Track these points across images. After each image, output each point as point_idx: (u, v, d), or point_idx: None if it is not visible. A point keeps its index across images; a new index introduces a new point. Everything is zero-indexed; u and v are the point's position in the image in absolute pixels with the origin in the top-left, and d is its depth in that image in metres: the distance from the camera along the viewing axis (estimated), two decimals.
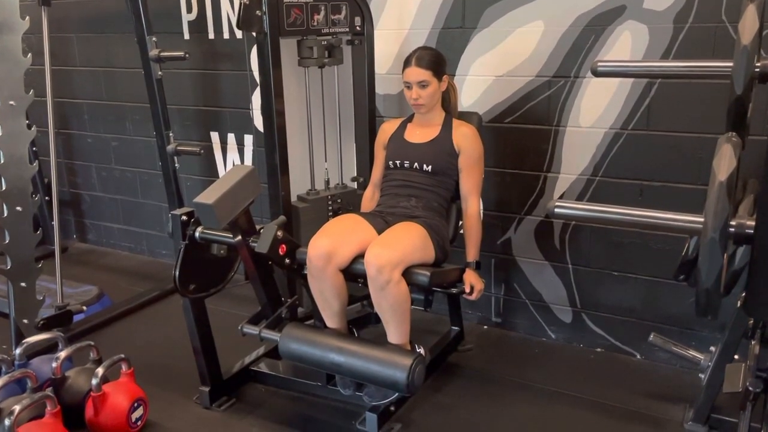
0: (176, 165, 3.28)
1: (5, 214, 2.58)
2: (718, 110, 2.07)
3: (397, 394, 2.22)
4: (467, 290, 2.37)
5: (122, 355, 2.31)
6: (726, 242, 1.35)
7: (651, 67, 2.07)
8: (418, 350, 2.27)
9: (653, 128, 2.50)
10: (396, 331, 2.19)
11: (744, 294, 1.53)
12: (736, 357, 2.10)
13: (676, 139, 2.46)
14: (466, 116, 2.61)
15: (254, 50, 3.14)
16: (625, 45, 2.48)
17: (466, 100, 2.82)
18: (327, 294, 2.23)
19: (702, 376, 2.21)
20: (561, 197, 2.74)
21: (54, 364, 2.26)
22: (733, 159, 1.37)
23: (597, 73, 1.78)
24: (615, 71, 1.93)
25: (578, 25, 2.54)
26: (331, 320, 2.30)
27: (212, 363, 2.43)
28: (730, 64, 1.51)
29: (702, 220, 1.37)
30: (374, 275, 2.09)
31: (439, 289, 2.42)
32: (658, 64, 2.21)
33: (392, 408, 2.32)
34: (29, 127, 2.66)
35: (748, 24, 1.49)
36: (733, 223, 1.38)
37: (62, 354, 2.29)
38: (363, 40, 2.76)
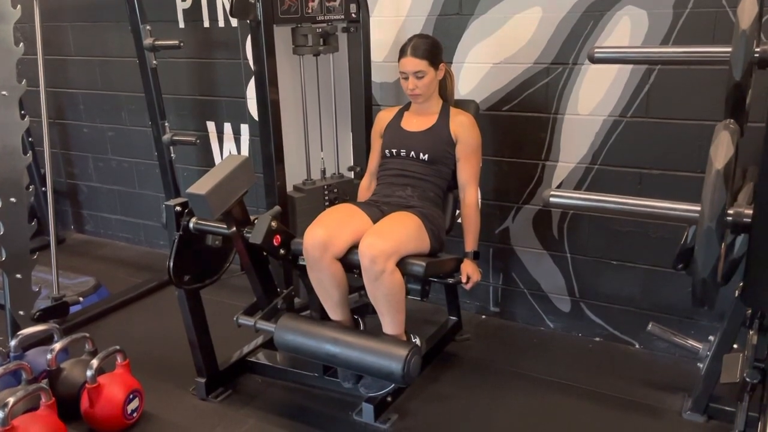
0: (172, 155, 3.26)
1: None
2: (719, 97, 2.04)
3: (393, 384, 2.20)
4: (464, 280, 2.35)
5: (117, 347, 2.30)
6: (723, 231, 1.33)
7: (649, 53, 2.04)
8: (413, 340, 2.26)
9: (652, 115, 2.47)
10: (391, 321, 2.18)
11: (742, 283, 1.51)
12: (735, 346, 2.08)
13: (676, 126, 2.43)
14: (463, 104, 2.58)
15: (249, 38, 3.11)
16: (624, 31, 2.44)
17: (463, 88, 2.79)
18: (326, 284, 2.22)
19: (700, 365, 2.20)
20: (559, 186, 2.72)
21: (49, 356, 2.26)
22: (730, 146, 1.35)
23: (594, 60, 1.76)
24: (613, 58, 1.91)
25: (576, 10, 2.50)
26: (334, 311, 2.28)
27: (208, 354, 2.43)
28: (729, 49, 1.49)
29: (699, 208, 1.35)
30: (368, 265, 2.07)
31: (435, 279, 2.40)
32: (657, 50, 2.18)
33: (389, 398, 2.31)
34: (23, 117, 2.63)
35: (747, 8, 1.46)
36: (730, 211, 1.37)
37: (57, 346, 2.29)
38: (359, 27, 2.73)
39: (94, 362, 2.20)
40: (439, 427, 2.25)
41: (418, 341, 2.28)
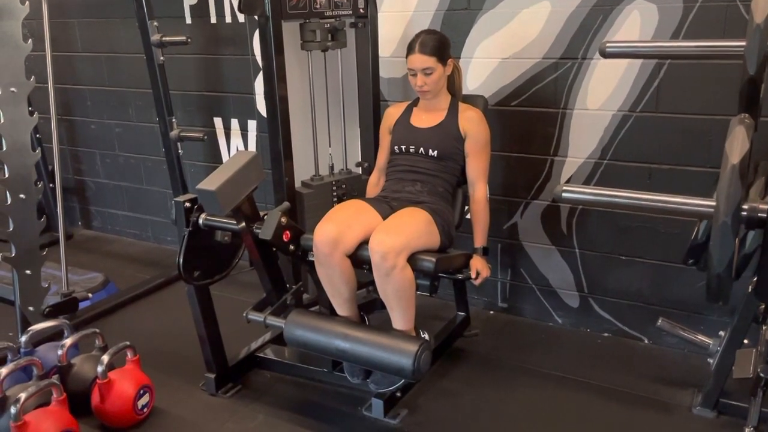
0: (180, 151, 3.26)
1: (9, 202, 2.58)
2: (729, 91, 2.03)
3: (403, 380, 2.20)
4: (473, 276, 2.35)
5: (128, 342, 2.31)
6: (738, 226, 1.32)
7: (660, 47, 2.04)
8: (422, 335, 2.26)
9: (662, 110, 2.46)
10: (401, 317, 2.17)
11: (755, 279, 1.51)
12: (745, 341, 2.07)
13: (686, 121, 2.42)
14: (471, 99, 2.57)
15: (257, 34, 3.10)
16: (633, 25, 2.43)
17: (471, 83, 2.78)
18: (335, 280, 2.22)
19: (711, 360, 2.20)
20: (568, 181, 2.71)
21: (60, 352, 2.26)
22: (746, 141, 1.34)
23: (605, 54, 1.76)
24: (624, 52, 1.91)
25: (586, 5, 2.49)
26: (342, 308, 2.28)
27: (218, 350, 2.43)
28: (743, 43, 1.48)
29: (713, 203, 1.34)
30: (378, 261, 2.07)
31: (444, 275, 2.40)
32: (668, 45, 2.17)
33: (398, 394, 2.31)
34: (31, 113, 2.64)
35: (762, 2, 1.45)
36: (745, 206, 1.36)
37: (68, 341, 2.29)
38: (367, 22, 2.72)
39: (105, 358, 2.21)
40: (448, 423, 2.26)
41: (426, 336, 2.28)
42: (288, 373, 2.55)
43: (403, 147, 2.48)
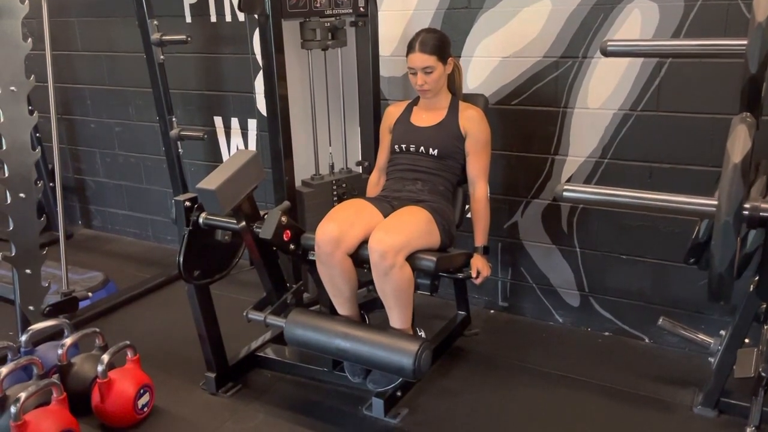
0: (180, 150, 3.26)
1: (8, 201, 2.57)
2: (730, 90, 2.03)
3: (401, 379, 2.20)
4: (474, 275, 2.34)
5: (128, 342, 2.31)
6: (740, 226, 1.32)
7: (661, 46, 2.03)
8: (419, 334, 2.26)
9: (663, 109, 2.46)
10: (399, 316, 2.17)
11: (757, 278, 1.51)
12: (746, 341, 2.07)
13: (687, 120, 2.42)
14: (472, 98, 2.57)
15: (257, 33, 3.10)
16: (634, 24, 2.42)
17: (471, 82, 2.78)
18: (337, 280, 2.21)
19: (712, 360, 2.19)
20: (569, 180, 2.71)
21: (60, 351, 2.26)
22: (747, 140, 1.34)
23: (607, 53, 1.75)
24: (625, 51, 1.90)
25: (586, 3, 2.49)
26: (343, 307, 2.28)
27: (218, 349, 2.43)
28: (744, 41, 1.48)
29: (715, 203, 1.34)
30: (377, 260, 2.07)
31: (445, 274, 2.40)
32: (669, 43, 2.16)
33: (399, 393, 2.31)
34: (31, 113, 2.63)
35: (763, 1, 1.45)
36: (747, 206, 1.36)
37: (68, 341, 2.29)
38: (367, 21, 2.72)
39: (105, 357, 2.20)
40: (448, 422, 2.25)
41: (423, 334, 2.28)
42: (288, 372, 2.54)
43: (403, 146, 2.47)
